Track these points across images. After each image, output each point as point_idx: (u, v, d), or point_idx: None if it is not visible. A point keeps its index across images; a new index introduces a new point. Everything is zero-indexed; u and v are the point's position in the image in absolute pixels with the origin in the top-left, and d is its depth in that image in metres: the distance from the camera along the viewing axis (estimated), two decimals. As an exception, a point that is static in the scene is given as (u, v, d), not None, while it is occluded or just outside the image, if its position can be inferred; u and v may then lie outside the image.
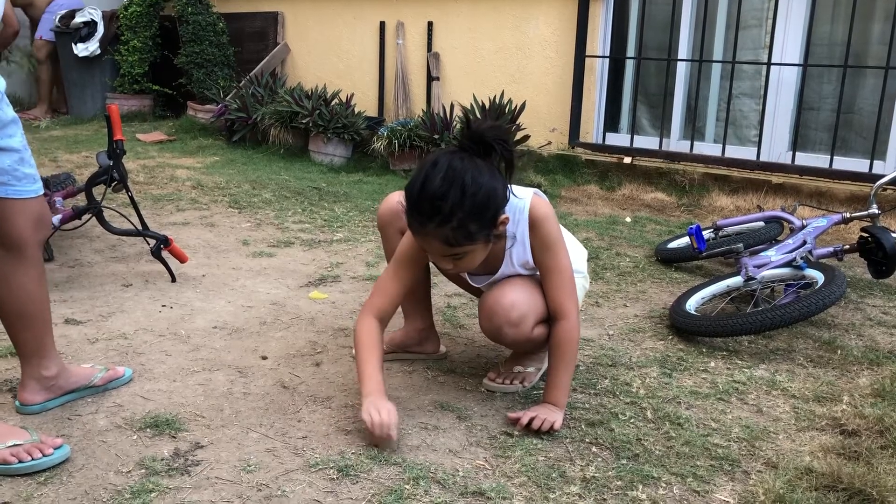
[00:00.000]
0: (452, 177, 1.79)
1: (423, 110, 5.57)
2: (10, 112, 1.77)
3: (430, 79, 5.75)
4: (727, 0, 4.81)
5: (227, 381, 2.19)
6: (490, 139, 1.84)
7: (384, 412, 1.84)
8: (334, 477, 1.73)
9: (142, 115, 6.84)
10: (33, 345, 1.93)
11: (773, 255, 2.90)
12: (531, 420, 1.94)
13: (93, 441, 1.85)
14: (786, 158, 4.56)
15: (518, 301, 2.01)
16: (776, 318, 2.45)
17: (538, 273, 2.06)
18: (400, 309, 2.24)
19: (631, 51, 5.13)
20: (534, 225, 1.98)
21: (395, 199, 2.20)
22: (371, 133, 5.50)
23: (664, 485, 1.75)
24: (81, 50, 6.63)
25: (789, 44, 4.54)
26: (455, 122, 5.02)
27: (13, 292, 1.86)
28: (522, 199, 1.99)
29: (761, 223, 3.42)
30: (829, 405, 2.15)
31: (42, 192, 1.86)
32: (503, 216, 1.89)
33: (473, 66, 5.60)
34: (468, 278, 2.16)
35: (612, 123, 5.27)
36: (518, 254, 2.03)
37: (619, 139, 5.15)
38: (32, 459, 1.71)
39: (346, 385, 2.18)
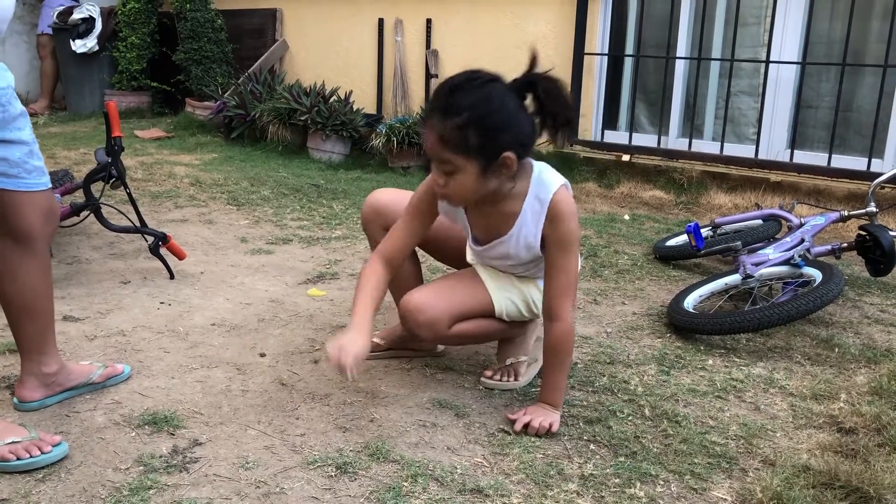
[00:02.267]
0: (482, 83, 1.80)
1: (421, 107, 5.57)
2: (18, 106, 1.77)
3: (429, 76, 5.74)
4: (726, -2, 4.81)
5: (225, 378, 2.19)
6: (535, 78, 1.82)
7: (346, 349, 1.81)
8: (332, 474, 1.73)
9: (140, 111, 6.83)
10: (35, 340, 1.93)
11: (772, 253, 2.90)
12: (528, 424, 1.94)
13: (91, 438, 1.85)
14: (784, 156, 4.56)
15: (425, 303, 2.00)
16: (774, 316, 2.46)
17: (535, 260, 2.04)
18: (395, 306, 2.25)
19: (629, 48, 5.12)
20: (555, 219, 1.92)
21: (377, 196, 2.22)
22: (369, 130, 5.50)
23: (662, 482, 1.75)
24: (79, 46, 6.63)
25: (788, 42, 4.54)
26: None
27: (19, 286, 1.86)
28: (550, 183, 1.93)
29: (759, 221, 3.42)
30: (827, 403, 2.15)
31: (50, 185, 1.86)
32: (508, 155, 1.80)
33: (472, 64, 5.51)
34: (471, 244, 2.12)
35: (610, 121, 5.27)
36: (528, 231, 1.97)
37: (617, 137, 5.15)
38: (31, 457, 1.71)
39: (345, 382, 2.18)
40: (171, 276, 2.99)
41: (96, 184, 2.99)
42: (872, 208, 3.21)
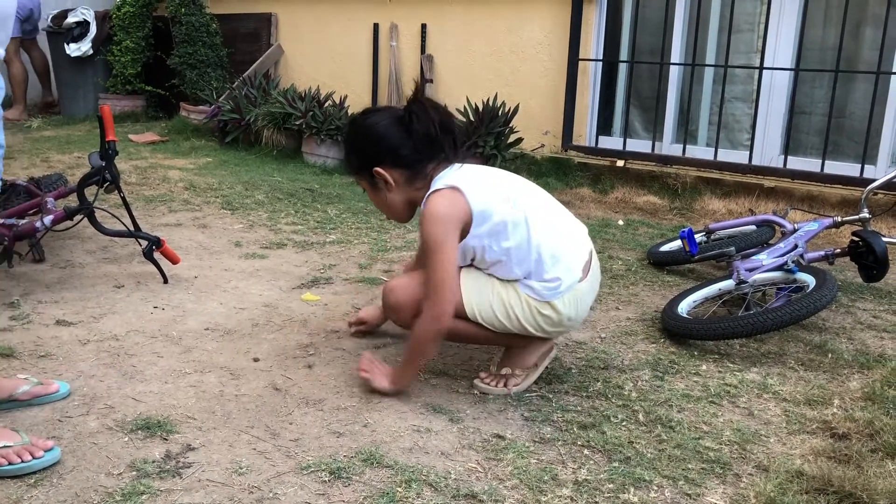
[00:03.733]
0: (360, 115, 2.18)
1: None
2: None
3: (424, 81, 5.75)
4: (720, 4, 4.83)
5: (218, 382, 2.18)
6: (410, 105, 2.07)
7: (359, 313, 2.57)
8: (326, 479, 1.73)
9: (134, 115, 6.82)
10: None
11: (765, 258, 2.91)
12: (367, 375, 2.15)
13: (83, 443, 1.84)
14: (778, 162, 4.58)
15: (398, 288, 2.17)
16: (767, 322, 2.46)
17: (493, 262, 2.09)
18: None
19: (624, 54, 5.14)
20: (420, 220, 2.06)
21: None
22: (364, 135, 5.49)
23: (656, 488, 1.75)
24: (74, 50, 6.61)
25: (781, 48, 4.56)
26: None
27: None
28: (432, 188, 2.06)
29: (753, 227, 3.43)
30: (820, 408, 2.16)
31: None
32: (377, 170, 2.09)
33: (467, 69, 5.61)
34: None
35: (604, 126, 5.29)
36: None
37: (611, 142, 5.16)
38: (22, 462, 1.70)
39: (339, 387, 2.18)
40: (165, 281, 2.98)
41: (90, 188, 2.99)
42: (865, 214, 3.22)
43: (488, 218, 2.03)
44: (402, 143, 2.07)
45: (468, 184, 2.05)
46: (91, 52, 6.66)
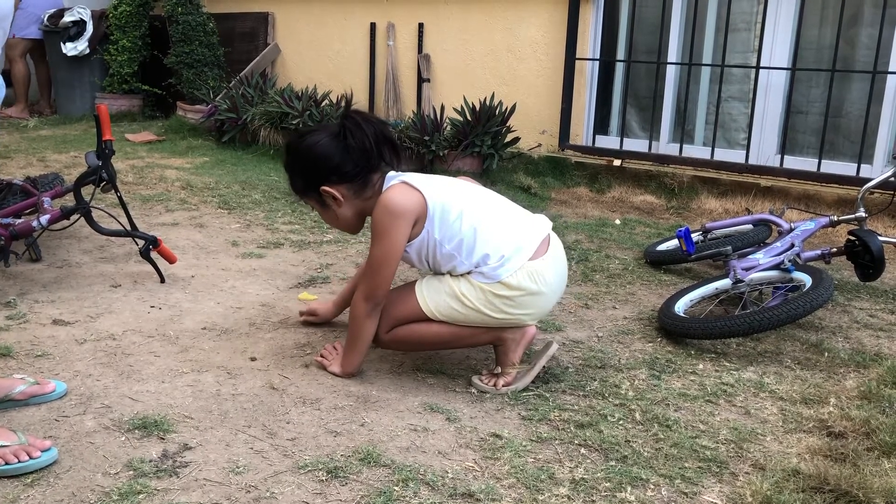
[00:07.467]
0: (298, 138, 2.20)
1: (413, 112, 5.57)
2: None
3: (421, 80, 5.75)
4: (716, 3, 4.84)
5: (215, 382, 2.18)
6: (343, 120, 2.13)
7: (311, 304, 2.64)
8: (323, 478, 1.73)
9: (131, 115, 6.81)
10: None
11: (762, 257, 2.92)
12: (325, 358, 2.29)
13: (80, 442, 1.84)
14: (774, 161, 4.58)
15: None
16: (764, 321, 2.46)
17: (444, 257, 2.15)
18: None
19: (621, 53, 5.14)
20: (374, 209, 2.13)
21: None
22: (361, 134, 5.48)
23: (652, 486, 1.76)
24: (70, 49, 6.60)
25: (778, 47, 4.57)
26: (445, 125, 5.03)
27: None
28: (387, 185, 2.16)
29: (750, 226, 3.44)
30: (817, 407, 2.16)
31: None
32: (327, 188, 2.14)
33: (464, 68, 5.61)
34: None
35: (601, 126, 5.29)
36: None
37: (608, 142, 5.17)
38: (19, 462, 1.70)
39: (336, 386, 2.18)
40: (162, 280, 2.98)
41: (87, 187, 2.98)
42: (862, 213, 3.23)
43: (440, 211, 2.11)
44: (343, 158, 2.12)
45: (420, 180, 2.15)
46: (87, 51, 6.65)
